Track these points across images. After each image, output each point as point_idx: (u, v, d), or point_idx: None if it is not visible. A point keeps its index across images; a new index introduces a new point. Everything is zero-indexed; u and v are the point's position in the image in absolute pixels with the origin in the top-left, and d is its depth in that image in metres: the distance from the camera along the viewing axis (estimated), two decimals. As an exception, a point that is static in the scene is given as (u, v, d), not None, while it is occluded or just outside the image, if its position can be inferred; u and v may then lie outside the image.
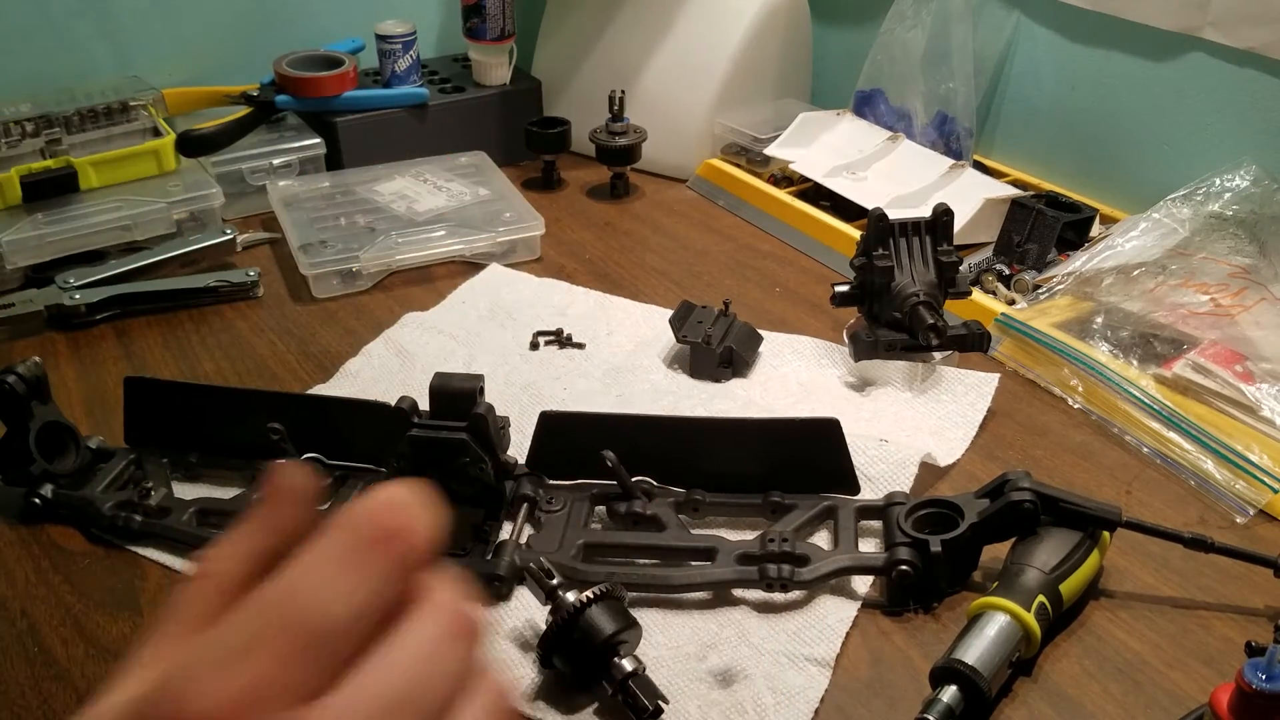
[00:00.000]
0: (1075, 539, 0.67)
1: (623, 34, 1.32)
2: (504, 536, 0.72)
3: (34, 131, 1.10)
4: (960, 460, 0.82)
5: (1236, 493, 0.77)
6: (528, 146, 1.27)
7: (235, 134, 1.18)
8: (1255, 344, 0.86)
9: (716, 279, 1.08)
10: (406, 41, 1.26)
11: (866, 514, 0.74)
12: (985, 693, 0.59)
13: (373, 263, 1.06)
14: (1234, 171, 1.01)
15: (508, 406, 0.84)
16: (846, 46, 1.41)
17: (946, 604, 0.69)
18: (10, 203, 1.06)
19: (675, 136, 1.28)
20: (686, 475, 0.76)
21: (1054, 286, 0.96)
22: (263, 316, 1.03)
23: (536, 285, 1.07)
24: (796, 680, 0.63)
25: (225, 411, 0.81)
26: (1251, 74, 1.02)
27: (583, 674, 0.61)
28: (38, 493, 0.76)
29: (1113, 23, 1.11)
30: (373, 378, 0.92)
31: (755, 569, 0.69)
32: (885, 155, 1.20)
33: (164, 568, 0.73)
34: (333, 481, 0.78)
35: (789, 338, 0.97)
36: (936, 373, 0.90)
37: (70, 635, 0.68)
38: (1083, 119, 1.17)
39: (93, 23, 1.24)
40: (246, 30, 1.32)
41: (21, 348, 0.98)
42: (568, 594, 0.62)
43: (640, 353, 0.95)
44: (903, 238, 0.89)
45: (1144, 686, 0.63)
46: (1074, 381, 0.88)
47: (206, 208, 1.11)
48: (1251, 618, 0.68)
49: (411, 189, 1.17)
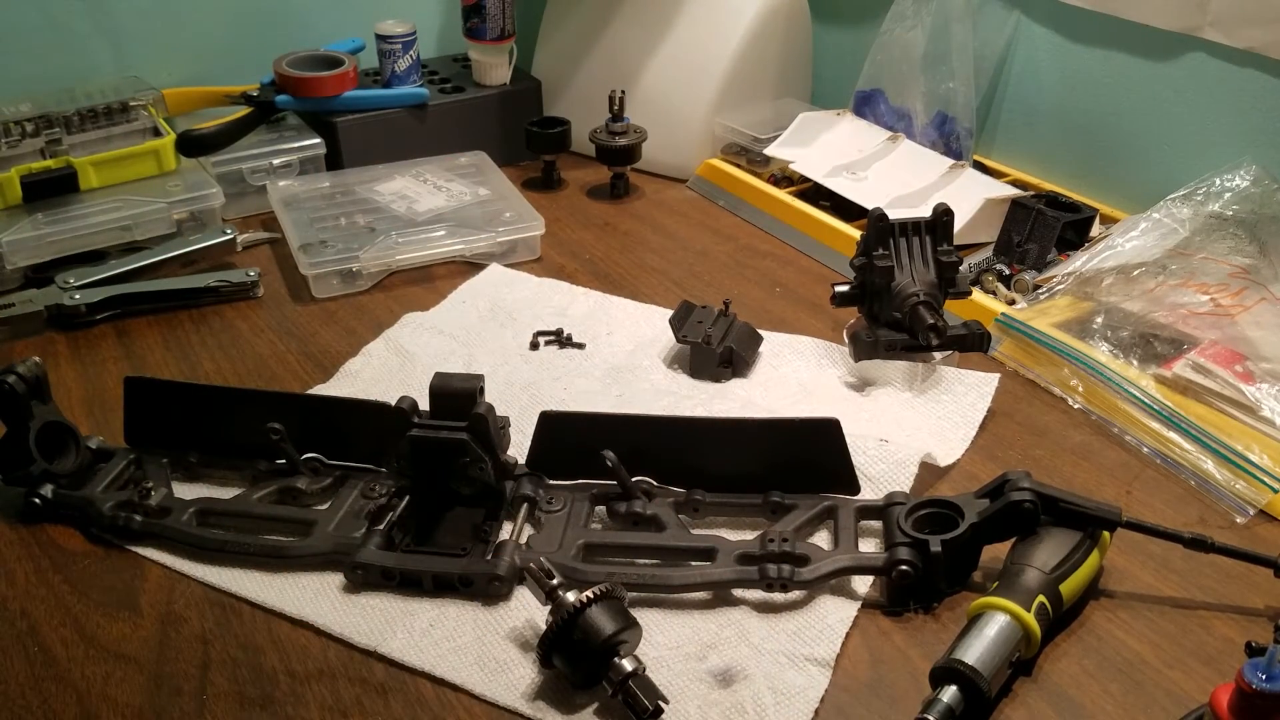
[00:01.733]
0: (1075, 539, 0.67)
1: (623, 34, 1.32)
2: (504, 536, 0.72)
3: (34, 131, 1.10)
4: (960, 460, 0.82)
5: (1236, 493, 0.77)
6: (528, 146, 1.27)
7: (235, 134, 1.18)
8: (1255, 344, 0.86)
9: (716, 279, 1.08)
10: (406, 41, 1.26)
11: (866, 514, 0.74)
12: (985, 693, 0.59)
13: (373, 263, 1.06)
14: (1234, 171, 1.01)
15: (508, 406, 0.84)
16: (846, 46, 1.41)
17: (946, 604, 0.69)
18: (10, 203, 1.06)
19: (675, 136, 1.28)
20: (686, 475, 0.76)
21: (1054, 286, 0.97)
22: (263, 316, 1.03)
23: (536, 285, 1.07)
24: (796, 680, 0.63)
25: (225, 411, 0.81)
26: (1251, 74, 1.02)
27: (583, 674, 0.61)
28: (38, 493, 0.76)
29: (1113, 23, 1.11)
30: (373, 378, 0.92)
31: (755, 569, 0.69)
32: (885, 155, 1.20)
33: (164, 568, 0.73)
34: (333, 481, 0.79)
35: (789, 338, 0.97)
36: (936, 373, 0.90)
37: (70, 635, 0.68)
38: (1083, 119, 1.17)
39: (93, 23, 1.24)
40: (246, 30, 1.32)
41: (21, 348, 0.98)
42: (568, 594, 0.62)
43: (640, 353, 0.95)
44: (903, 238, 0.89)
45: (1144, 686, 0.63)
46: (1074, 381, 0.88)
47: (206, 208, 1.11)
48: (1251, 618, 0.68)
49: (411, 189, 1.17)
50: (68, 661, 0.66)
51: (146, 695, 0.64)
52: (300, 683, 0.64)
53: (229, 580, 0.72)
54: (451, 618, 0.68)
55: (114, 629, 0.68)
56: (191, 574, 0.72)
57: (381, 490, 0.76)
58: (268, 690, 0.64)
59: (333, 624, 0.68)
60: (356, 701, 0.63)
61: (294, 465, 0.78)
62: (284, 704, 0.63)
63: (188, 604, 0.70)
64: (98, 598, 0.71)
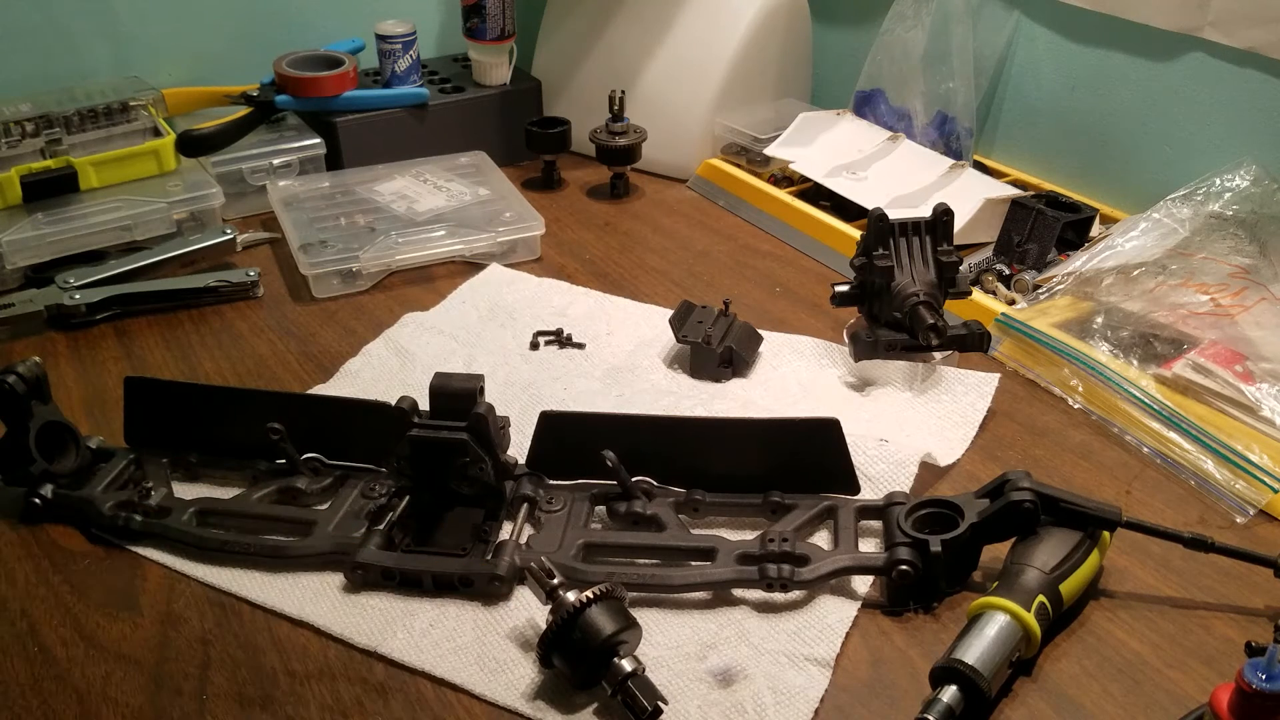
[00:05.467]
0: (1075, 539, 0.67)
1: (623, 34, 1.32)
2: (504, 536, 0.72)
3: (34, 131, 1.10)
4: (960, 460, 0.82)
5: (1236, 493, 0.77)
6: (528, 146, 1.27)
7: (235, 134, 1.18)
8: (1255, 344, 0.86)
9: (716, 279, 1.08)
10: (406, 41, 1.26)
11: (866, 514, 0.74)
12: (985, 693, 0.59)
13: (373, 263, 1.06)
14: (1234, 171, 1.01)
15: (508, 406, 0.84)
16: (846, 46, 1.41)
17: (946, 604, 0.69)
18: (10, 203, 1.06)
19: (675, 136, 1.28)
20: (686, 475, 0.76)
21: (1054, 286, 0.97)
22: (263, 316, 1.03)
23: (536, 285, 1.07)
24: (796, 680, 0.63)
25: (225, 411, 0.81)
26: (1251, 74, 1.02)
27: (583, 674, 0.61)
28: (38, 493, 0.76)
29: (1113, 23, 1.11)
30: (373, 378, 0.92)
31: (755, 569, 0.69)
32: (885, 155, 1.20)
33: (164, 568, 0.73)
34: (333, 481, 0.79)
35: (789, 338, 0.97)
36: (936, 373, 0.90)
37: (70, 635, 0.68)
38: (1083, 119, 1.17)
39: (93, 23, 1.24)
40: (246, 30, 1.32)
41: (21, 348, 0.98)
42: (568, 594, 0.62)
43: (640, 353, 0.95)
44: (903, 238, 0.89)
45: (1144, 686, 0.63)
46: (1074, 381, 0.88)
47: (206, 208, 1.11)
48: (1251, 618, 0.68)
49: (411, 189, 1.17)
50: (68, 662, 0.66)
51: (146, 695, 0.64)
52: (300, 683, 0.64)
53: (229, 580, 0.72)
54: (451, 618, 0.68)
55: (114, 629, 0.68)
56: (191, 574, 0.72)
57: (381, 490, 0.76)
58: (268, 690, 0.64)
59: (333, 624, 0.68)
60: (356, 701, 0.63)
61: (294, 465, 0.78)
62: (284, 704, 0.63)
63: (188, 604, 0.70)
64: (98, 598, 0.71)
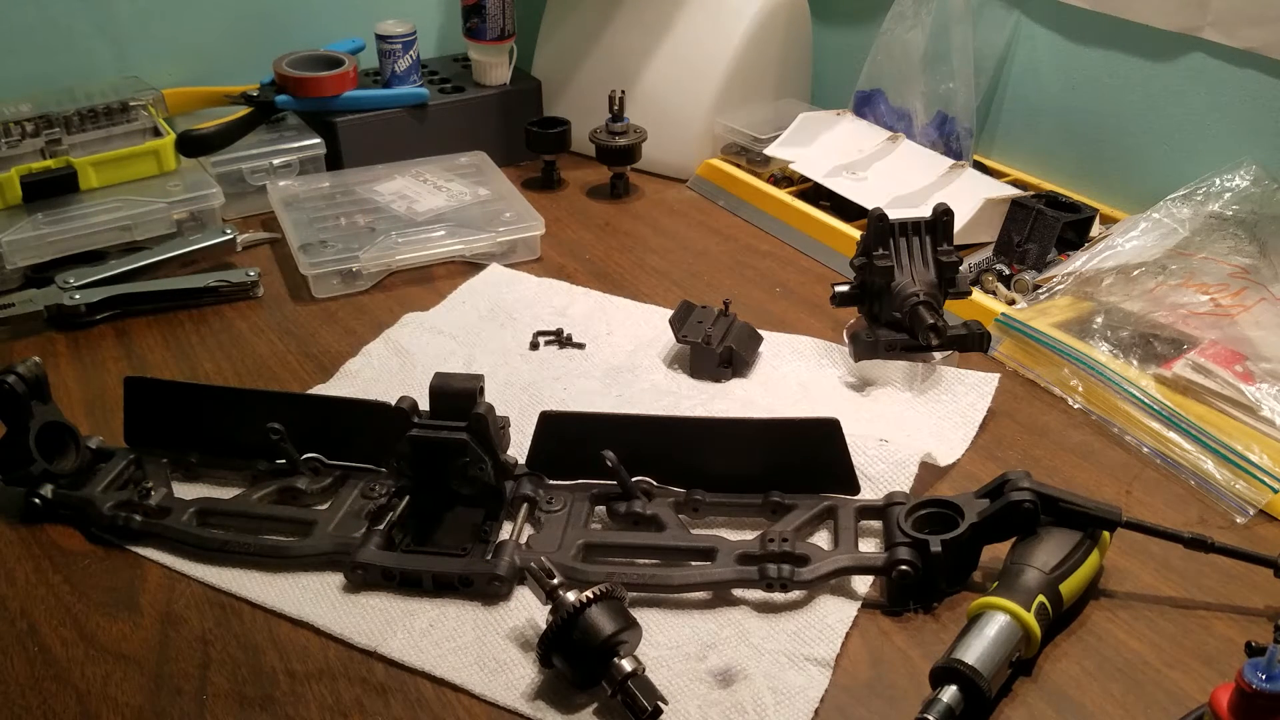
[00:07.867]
0: (1075, 539, 0.67)
1: (623, 34, 1.32)
2: (504, 536, 0.72)
3: (34, 131, 1.10)
4: (960, 460, 0.82)
5: (1236, 493, 0.77)
6: (528, 146, 1.27)
7: (235, 134, 1.18)
8: (1255, 344, 0.86)
9: (716, 279, 1.08)
10: (406, 41, 1.26)
11: (866, 514, 0.74)
12: (985, 693, 0.59)
13: (373, 263, 1.06)
14: (1234, 171, 1.01)
15: (508, 406, 0.84)
16: (846, 46, 1.41)
17: (946, 604, 0.69)
18: (10, 203, 1.06)
19: (675, 136, 1.28)
20: (686, 475, 0.76)
21: (1054, 286, 0.96)
22: (263, 316, 1.03)
23: (536, 285, 1.07)
24: (796, 680, 0.63)
25: (225, 411, 0.81)
26: (1251, 74, 1.02)
27: (583, 674, 0.61)
28: (38, 493, 0.76)
29: (1113, 23, 1.11)
30: (373, 378, 0.92)
31: (755, 569, 0.69)
32: (885, 155, 1.20)
33: (164, 568, 0.73)
34: (333, 481, 0.79)
35: (789, 338, 0.97)
36: (936, 373, 0.90)
37: (70, 635, 0.68)
38: (1083, 119, 1.17)
39: (93, 23, 1.24)
40: (246, 30, 1.32)
41: (21, 348, 0.98)
42: (568, 594, 0.62)
43: (640, 353, 0.95)
44: (903, 238, 0.89)
45: (1144, 686, 0.63)
46: (1074, 381, 0.88)
47: (206, 208, 1.11)
48: (1251, 618, 0.68)
49: (411, 189, 1.17)
50: (68, 661, 0.66)
51: (146, 695, 0.64)
52: (300, 683, 0.64)
53: (229, 580, 0.72)
54: (451, 618, 0.68)
55: (114, 629, 0.68)
56: (191, 574, 0.72)
57: (381, 490, 0.76)
58: (268, 690, 0.64)
59: (333, 624, 0.68)
60: (356, 701, 0.63)
61: (294, 465, 0.78)
62: (284, 704, 0.63)
63: (188, 604, 0.70)
64: (98, 598, 0.71)
